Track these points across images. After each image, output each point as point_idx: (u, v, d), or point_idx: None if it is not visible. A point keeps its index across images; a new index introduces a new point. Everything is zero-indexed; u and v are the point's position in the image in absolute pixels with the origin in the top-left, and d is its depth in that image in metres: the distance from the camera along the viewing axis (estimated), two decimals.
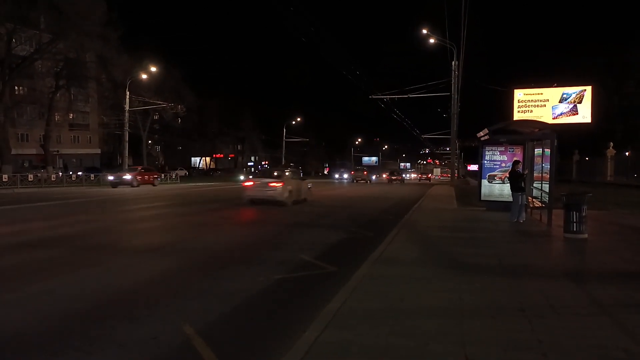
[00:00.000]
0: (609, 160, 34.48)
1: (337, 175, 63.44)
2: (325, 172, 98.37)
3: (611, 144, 34.82)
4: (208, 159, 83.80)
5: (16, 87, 43.45)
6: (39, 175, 36.14)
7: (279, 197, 17.54)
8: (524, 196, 12.69)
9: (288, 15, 39.83)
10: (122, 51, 40.97)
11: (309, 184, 21.47)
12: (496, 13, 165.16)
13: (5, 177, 31.35)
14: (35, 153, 49.65)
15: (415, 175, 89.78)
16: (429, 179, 75.62)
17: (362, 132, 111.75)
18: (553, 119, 21.66)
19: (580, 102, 21.69)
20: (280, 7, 37.27)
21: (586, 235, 9.75)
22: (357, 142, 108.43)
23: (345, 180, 57.42)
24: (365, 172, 57.70)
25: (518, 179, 12.38)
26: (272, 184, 17.79)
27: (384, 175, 69.47)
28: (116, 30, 39.34)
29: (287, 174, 19.12)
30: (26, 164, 48.23)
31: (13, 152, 39.04)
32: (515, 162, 12.74)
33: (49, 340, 4.33)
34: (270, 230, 11.66)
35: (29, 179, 33.62)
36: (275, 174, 19.11)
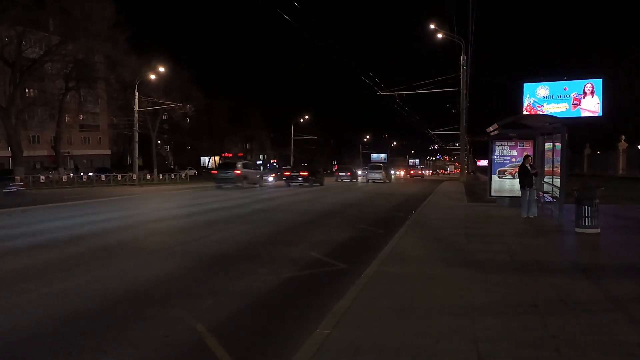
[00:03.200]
0: (621, 153, 34.06)
1: (220, 176, 29.01)
2: (334, 169, 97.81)
3: (623, 137, 34.39)
4: (217, 158, 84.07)
5: (27, 90, 43.93)
6: (50, 176, 36.57)
7: None
8: (533, 191, 12.57)
9: (295, 12, 39.70)
10: (131, 52, 41.24)
11: None
12: (504, 7, 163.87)
13: (18, 179, 31.69)
14: (46, 154, 50.16)
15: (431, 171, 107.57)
16: (447, 174, 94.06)
17: (370, 129, 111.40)
18: None
19: (591, 95, 21.43)
20: (286, 5, 37.17)
21: (598, 230, 9.63)
22: (365, 139, 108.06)
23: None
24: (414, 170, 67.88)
25: (527, 175, 12.29)
26: None
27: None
28: (124, 31, 39.61)
29: None
30: (38, 166, 48.77)
31: (25, 153, 39.41)
32: (526, 157, 12.65)
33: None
34: None
35: (41, 180, 34.03)
36: None
